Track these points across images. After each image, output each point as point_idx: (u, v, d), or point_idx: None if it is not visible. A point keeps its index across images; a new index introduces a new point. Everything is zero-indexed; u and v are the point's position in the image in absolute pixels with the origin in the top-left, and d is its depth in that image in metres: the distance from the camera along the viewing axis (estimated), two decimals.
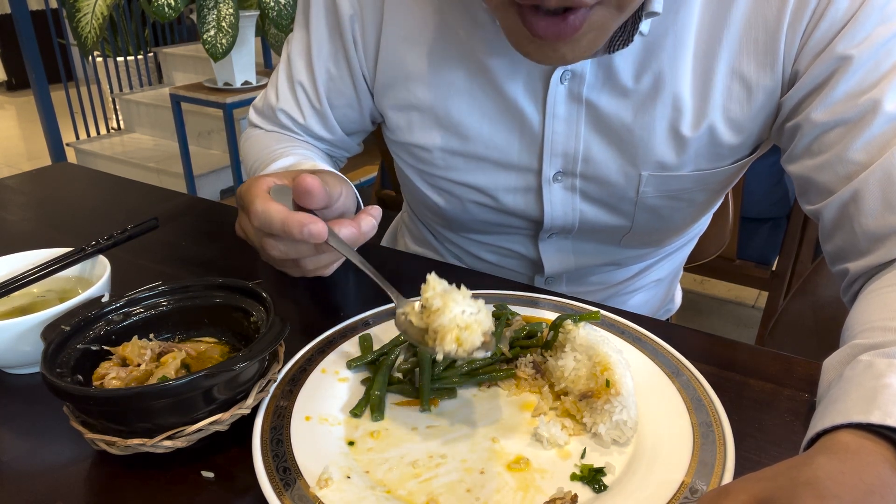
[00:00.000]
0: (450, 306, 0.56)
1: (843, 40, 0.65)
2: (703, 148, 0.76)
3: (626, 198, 0.82)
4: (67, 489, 0.54)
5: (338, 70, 0.87)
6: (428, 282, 0.58)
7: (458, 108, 0.81)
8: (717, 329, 2.52)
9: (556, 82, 0.75)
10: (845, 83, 0.65)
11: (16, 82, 6.58)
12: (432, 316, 0.57)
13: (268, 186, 0.64)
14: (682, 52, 0.71)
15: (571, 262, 0.95)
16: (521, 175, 0.84)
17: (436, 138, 0.84)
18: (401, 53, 0.81)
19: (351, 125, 0.94)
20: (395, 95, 0.84)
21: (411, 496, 0.52)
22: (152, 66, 4.66)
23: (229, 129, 2.93)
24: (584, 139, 0.79)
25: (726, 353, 0.69)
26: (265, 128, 0.96)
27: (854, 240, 0.66)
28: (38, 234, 1.01)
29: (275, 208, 0.61)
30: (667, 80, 0.73)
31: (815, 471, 0.40)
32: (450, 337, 0.55)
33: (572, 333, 0.64)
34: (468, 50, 0.78)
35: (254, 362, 0.55)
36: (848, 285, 0.70)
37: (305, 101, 0.91)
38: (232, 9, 2.65)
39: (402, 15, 0.80)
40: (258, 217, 0.61)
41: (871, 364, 0.50)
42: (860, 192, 0.64)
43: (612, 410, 0.56)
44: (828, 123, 0.67)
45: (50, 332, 0.59)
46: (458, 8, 0.77)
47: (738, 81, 0.72)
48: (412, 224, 1.12)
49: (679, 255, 1.08)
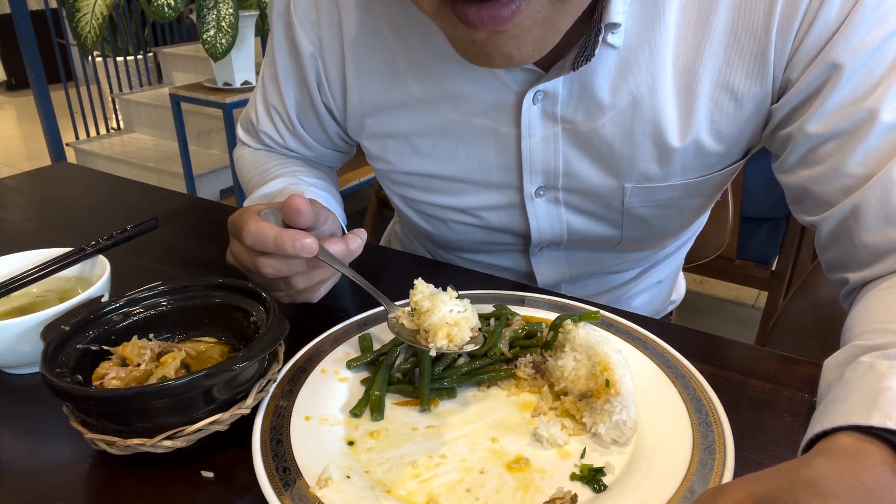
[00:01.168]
0: (438, 307, 0.62)
1: (836, 46, 0.62)
2: (690, 159, 0.75)
3: (612, 207, 0.81)
4: (67, 489, 0.54)
5: (303, 99, 0.89)
6: (416, 286, 0.64)
7: (431, 132, 0.80)
8: (716, 329, 2.52)
9: (529, 104, 0.74)
10: (839, 92, 0.63)
11: (16, 82, 6.58)
12: (422, 317, 0.62)
13: (257, 211, 0.67)
14: (661, 65, 0.69)
15: (566, 273, 0.94)
16: (502, 193, 0.83)
17: (413, 164, 0.84)
18: (367, 87, 0.81)
19: (327, 143, 0.95)
20: (368, 126, 0.85)
21: (411, 496, 0.52)
22: (152, 66, 4.66)
23: (229, 128, 2.93)
24: (564, 155, 0.77)
25: (726, 353, 0.69)
26: (252, 145, 0.99)
27: (854, 253, 0.65)
28: (38, 234, 1.01)
29: (267, 226, 0.64)
30: (645, 94, 0.71)
31: (813, 471, 0.40)
32: (441, 334, 0.61)
33: (572, 333, 0.64)
34: (435, 79, 0.77)
35: (254, 362, 0.55)
36: (847, 293, 0.69)
37: (280, 124, 0.93)
38: (231, 9, 2.64)
39: (362, 49, 0.79)
40: (251, 236, 0.64)
41: (871, 366, 0.50)
42: (859, 207, 0.63)
43: (612, 410, 0.56)
44: (822, 135, 0.65)
45: (50, 332, 0.59)
46: (421, 37, 0.76)
47: (725, 93, 0.70)
48: (406, 240, 1.12)
49: (678, 255, 1.08)
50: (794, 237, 1.97)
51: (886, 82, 0.62)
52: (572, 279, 0.95)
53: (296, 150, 0.96)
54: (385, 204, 2.34)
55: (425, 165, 0.83)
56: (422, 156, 0.83)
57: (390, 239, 1.21)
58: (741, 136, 0.73)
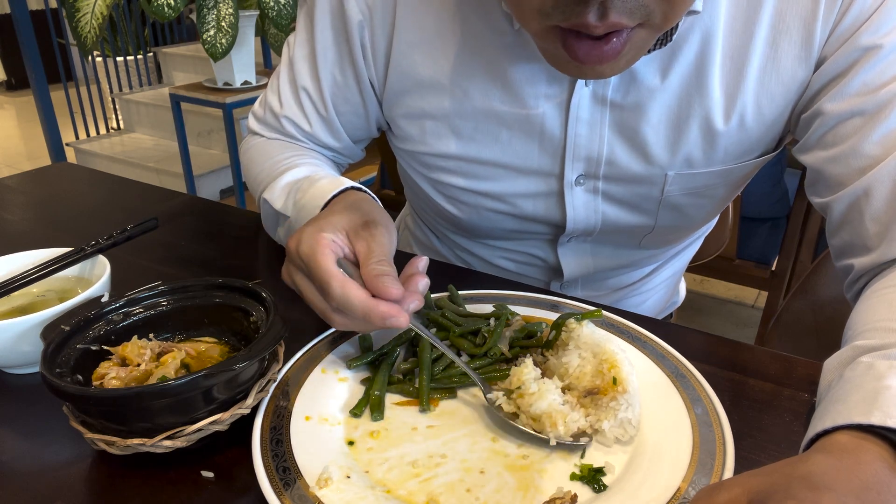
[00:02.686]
0: (545, 394, 0.57)
1: (868, 31, 0.65)
2: (733, 144, 0.75)
3: (650, 197, 0.81)
4: (67, 489, 0.54)
5: (343, 77, 0.84)
6: (522, 366, 0.60)
7: (475, 115, 0.79)
8: (716, 329, 2.52)
9: (581, 85, 0.74)
10: (864, 73, 0.65)
11: (15, 82, 6.58)
12: (526, 398, 0.58)
13: (334, 256, 0.59)
14: (711, 49, 0.70)
15: (590, 266, 0.93)
16: (541, 180, 0.82)
17: (451, 147, 0.82)
18: (414, 60, 0.79)
19: (357, 132, 0.91)
20: (407, 104, 0.82)
21: (411, 496, 0.52)
22: (152, 65, 4.66)
23: (229, 128, 2.93)
24: (608, 141, 0.77)
25: (726, 353, 0.69)
26: (266, 135, 0.92)
27: (862, 234, 0.66)
28: (38, 234, 1.01)
29: (355, 294, 0.57)
30: (694, 77, 0.72)
31: (810, 466, 0.41)
32: (560, 420, 0.56)
33: (576, 332, 0.63)
34: (487, 57, 0.75)
35: (253, 362, 0.55)
36: (852, 282, 0.70)
37: (311, 108, 0.87)
38: (231, 8, 2.64)
39: (415, 21, 0.77)
40: (337, 300, 0.57)
41: (871, 366, 0.50)
42: (872, 187, 0.64)
43: (618, 408, 0.56)
44: (843, 114, 0.66)
45: (50, 332, 0.59)
46: (477, 14, 0.74)
47: (773, 76, 0.71)
48: (417, 229, 1.10)
49: (686, 254, 1.08)
50: (794, 237, 1.98)
51: None
52: (595, 272, 0.95)
53: (322, 139, 0.90)
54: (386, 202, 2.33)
55: (464, 148, 0.81)
56: (462, 138, 0.81)
57: (398, 231, 1.20)
58: (783, 119, 0.74)
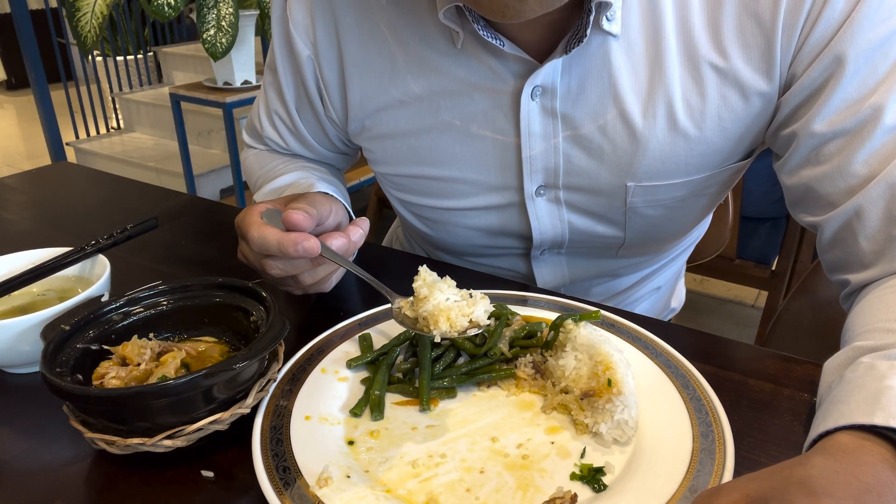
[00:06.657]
0: (435, 294, 0.63)
1: (841, 41, 0.62)
2: (694, 157, 0.74)
3: (614, 207, 0.80)
4: (67, 488, 0.54)
5: (301, 104, 0.90)
6: (419, 273, 0.65)
7: (430, 133, 0.80)
8: (716, 329, 2.51)
9: (528, 99, 0.73)
10: (843, 89, 0.63)
11: (16, 82, 6.58)
12: (419, 303, 0.64)
13: (260, 213, 0.69)
14: (666, 60, 0.69)
15: (566, 277, 0.94)
16: (502, 194, 0.82)
17: (411, 167, 0.84)
18: (367, 88, 0.81)
19: (328, 146, 0.95)
20: (369, 127, 0.85)
21: (411, 496, 0.52)
22: (152, 65, 4.66)
23: (229, 128, 2.92)
24: (564, 152, 0.76)
25: (726, 353, 0.69)
26: (258, 147, 1.00)
27: (857, 253, 0.65)
28: (38, 233, 1.01)
29: (269, 232, 0.66)
30: (648, 89, 0.70)
31: (808, 470, 0.40)
32: (442, 319, 0.62)
33: (573, 333, 0.63)
34: (433, 75, 0.77)
35: (253, 362, 0.55)
36: (848, 295, 0.69)
37: (284, 129, 0.94)
38: (232, 8, 2.64)
39: (360, 48, 0.80)
40: (255, 242, 0.66)
41: (872, 366, 0.49)
42: (864, 208, 0.63)
43: (614, 410, 0.56)
44: (826, 134, 0.65)
45: (50, 332, 0.59)
46: (415, 37, 0.76)
47: (733, 89, 0.69)
48: (408, 245, 1.12)
49: (678, 262, 1.07)
50: (794, 237, 1.97)
51: (890, 80, 0.62)
52: (572, 283, 0.95)
53: (300, 153, 0.97)
54: (386, 203, 2.34)
55: (424, 167, 0.83)
56: (420, 156, 0.83)
57: (391, 242, 1.21)
58: (747, 133, 0.73)
